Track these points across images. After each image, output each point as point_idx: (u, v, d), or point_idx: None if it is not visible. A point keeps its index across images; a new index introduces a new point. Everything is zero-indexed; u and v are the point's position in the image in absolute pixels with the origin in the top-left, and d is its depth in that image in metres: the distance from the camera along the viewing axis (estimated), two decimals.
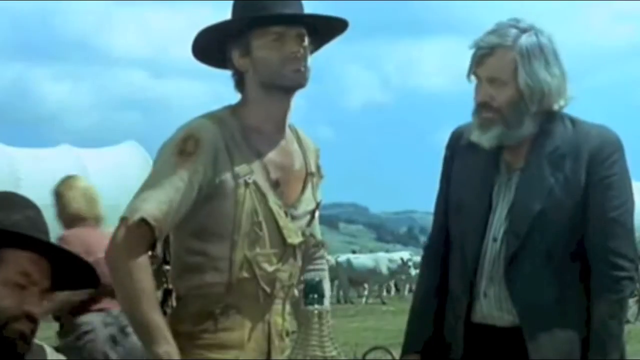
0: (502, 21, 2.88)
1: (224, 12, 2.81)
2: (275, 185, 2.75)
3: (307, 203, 2.85)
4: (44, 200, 3.56)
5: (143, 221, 2.58)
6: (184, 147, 2.65)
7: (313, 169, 2.90)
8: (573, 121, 2.90)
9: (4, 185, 14.24)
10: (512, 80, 2.81)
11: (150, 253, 2.66)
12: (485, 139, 2.85)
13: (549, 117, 2.88)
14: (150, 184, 2.65)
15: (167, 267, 2.83)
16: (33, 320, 2.17)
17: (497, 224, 2.86)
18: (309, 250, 2.90)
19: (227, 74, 2.84)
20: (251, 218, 2.70)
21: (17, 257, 2.18)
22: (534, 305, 2.81)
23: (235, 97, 2.83)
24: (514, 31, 2.83)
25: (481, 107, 2.85)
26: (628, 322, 2.90)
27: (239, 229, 2.69)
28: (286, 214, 2.77)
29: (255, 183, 2.71)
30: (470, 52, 2.88)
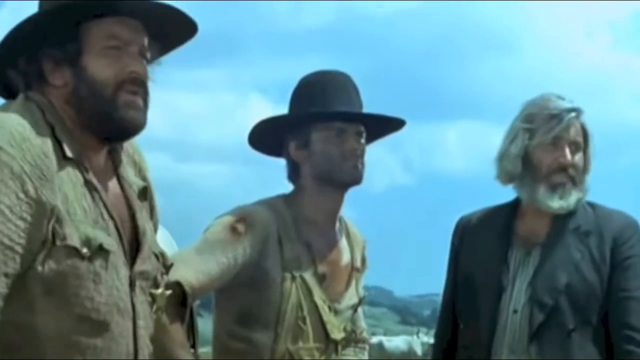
0: (546, 94, 2.92)
1: (246, 99, 2.86)
2: (322, 279, 2.75)
3: (350, 297, 2.85)
4: None
5: (177, 284, 2.52)
6: (236, 225, 2.65)
7: (359, 264, 2.90)
8: (592, 205, 2.96)
9: None
10: (583, 146, 2.90)
11: None
12: (564, 204, 2.87)
13: None
14: (195, 250, 2.64)
15: None
16: (140, 83, 1.93)
17: (517, 296, 2.87)
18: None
19: (251, 158, 2.89)
20: (296, 312, 2.69)
21: (101, 24, 1.92)
22: None
23: (259, 182, 2.94)
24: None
25: (560, 170, 2.87)
26: None
27: (283, 321, 2.68)
28: (330, 308, 2.75)
29: (302, 277, 2.71)
30: (490, 133, 2.95)
